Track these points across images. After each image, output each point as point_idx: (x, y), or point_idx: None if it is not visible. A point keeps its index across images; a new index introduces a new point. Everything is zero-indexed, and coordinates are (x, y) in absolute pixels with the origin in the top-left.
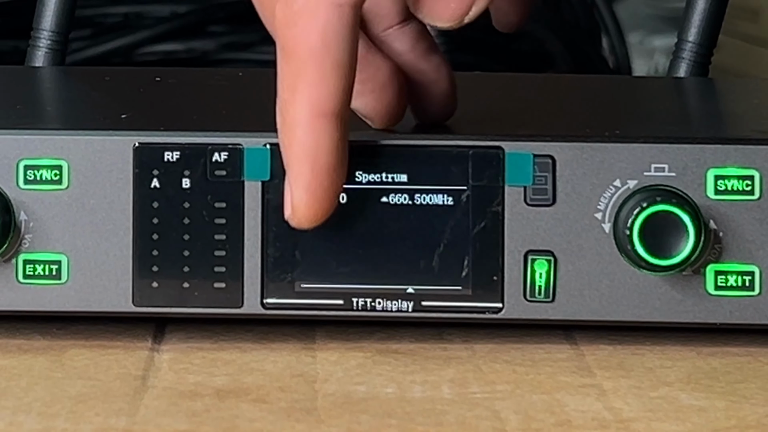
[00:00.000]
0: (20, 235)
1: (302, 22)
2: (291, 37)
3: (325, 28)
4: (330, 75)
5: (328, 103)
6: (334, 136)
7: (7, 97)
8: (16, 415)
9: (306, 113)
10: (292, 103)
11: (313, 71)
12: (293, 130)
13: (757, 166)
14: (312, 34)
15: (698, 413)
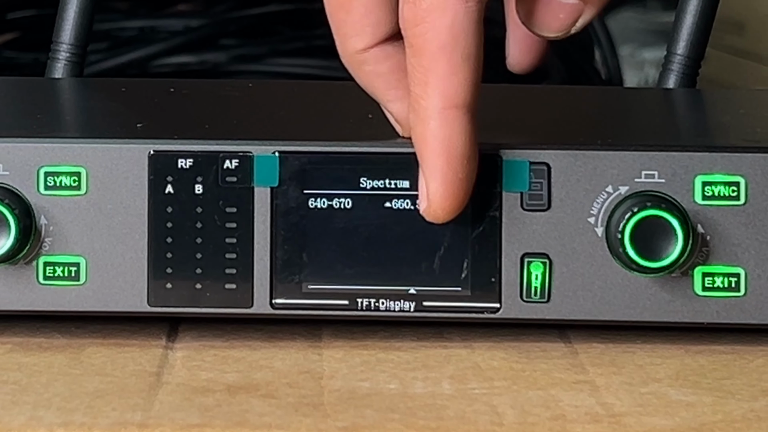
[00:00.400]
0: (40, 239)
1: (431, 19)
2: (420, 33)
3: (454, 23)
4: (460, 68)
5: (460, 95)
6: (467, 127)
7: (28, 107)
8: (37, 409)
9: (439, 105)
10: (424, 97)
11: (444, 64)
12: (426, 122)
13: (743, 173)
14: (442, 30)
15: (686, 408)
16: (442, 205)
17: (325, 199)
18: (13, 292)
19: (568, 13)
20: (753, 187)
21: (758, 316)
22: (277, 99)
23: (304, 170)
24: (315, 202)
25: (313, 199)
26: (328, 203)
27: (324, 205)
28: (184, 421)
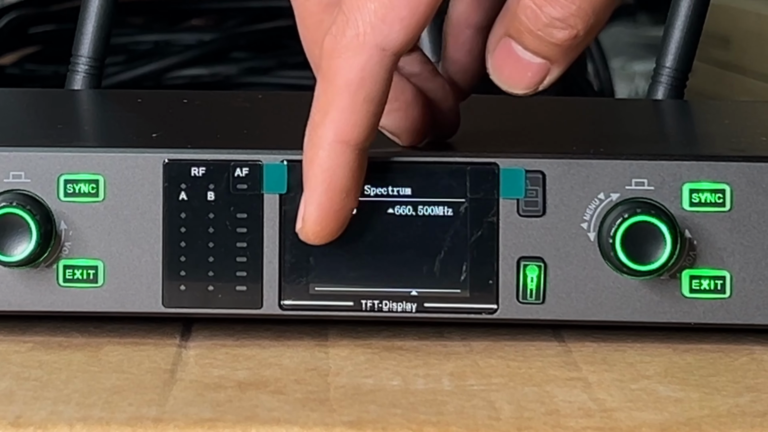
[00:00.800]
0: (60, 243)
1: (346, 56)
2: (333, 66)
3: (365, 66)
4: (360, 108)
5: (353, 133)
6: (352, 163)
7: (49, 118)
8: (57, 404)
9: (331, 137)
10: (321, 126)
11: (346, 101)
12: (316, 150)
13: (728, 181)
14: (352, 68)
15: (675, 403)
16: (313, 230)
17: None
18: (34, 293)
19: (535, 72)
20: (738, 195)
21: (743, 316)
22: (285, 110)
23: None
24: None
25: None
26: None
27: None
28: (197, 416)
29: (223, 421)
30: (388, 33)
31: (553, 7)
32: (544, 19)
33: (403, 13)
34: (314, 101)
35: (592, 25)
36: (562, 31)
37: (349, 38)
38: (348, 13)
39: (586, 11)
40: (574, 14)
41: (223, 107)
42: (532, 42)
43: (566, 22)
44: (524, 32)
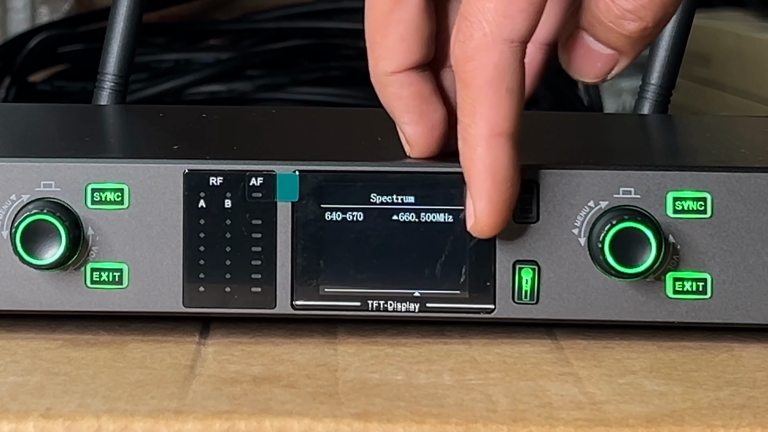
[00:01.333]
0: (88, 247)
1: (479, 56)
2: (469, 69)
3: (499, 60)
4: (505, 100)
5: (504, 124)
6: (510, 152)
7: (77, 131)
8: (85, 398)
9: (485, 133)
10: (472, 125)
11: (491, 97)
12: (474, 148)
13: (709, 190)
14: (488, 66)
15: (659, 397)
16: (487, 222)
17: (339, 213)
18: (63, 294)
19: (605, 62)
20: (718, 202)
21: (723, 316)
22: (297, 123)
23: (321, 187)
24: (331, 215)
25: (329, 212)
26: (342, 216)
27: (339, 217)
28: (215, 408)
29: (239, 414)
30: (512, 25)
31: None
32: (616, 10)
33: (522, 5)
34: (460, 106)
35: (660, 18)
36: (633, 23)
37: (478, 39)
38: (471, 17)
39: (656, 3)
40: (645, 6)
41: (239, 121)
42: (603, 33)
43: (637, 14)
44: (596, 24)
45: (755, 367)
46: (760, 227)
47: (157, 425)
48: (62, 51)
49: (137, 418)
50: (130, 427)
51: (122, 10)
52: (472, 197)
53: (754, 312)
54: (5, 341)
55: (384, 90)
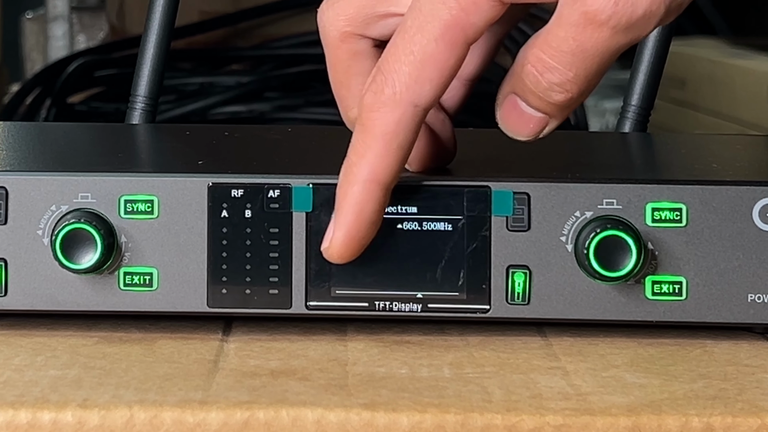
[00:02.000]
0: (121, 253)
1: (383, 110)
2: (372, 118)
3: (400, 119)
4: (392, 154)
5: (383, 175)
6: (380, 199)
7: (111, 147)
8: (118, 389)
9: (365, 176)
10: (356, 165)
11: (381, 148)
12: (351, 185)
13: (685, 201)
14: (389, 121)
15: (639, 389)
16: (338, 252)
17: None
18: (99, 296)
19: (536, 124)
20: (693, 213)
21: (697, 315)
22: (311, 141)
23: (332, 199)
24: None
25: None
26: None
27: None
28: (236, 399)
29: (258, 404)
30: (420, 91)
31: (552, 74)
32: (544, 83)
33: (432, 75)
34: (351, 144)
35: (585, 89)
36: (560, 95)
37: (387, 95)
38: (386, 74)
39: (581, 77)
40: (571, 80)
41: (258, 139)
42: (534, 100)
43: (563, 87)
44: (527, 92)
45: (726, 361)
46: (731, 235)
47: (184, 414)
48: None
49: (166, 408)
50: (159, 417)
51: (152, 37)
52: (333, 225)
53: (725, 312)
54: (46, 338)
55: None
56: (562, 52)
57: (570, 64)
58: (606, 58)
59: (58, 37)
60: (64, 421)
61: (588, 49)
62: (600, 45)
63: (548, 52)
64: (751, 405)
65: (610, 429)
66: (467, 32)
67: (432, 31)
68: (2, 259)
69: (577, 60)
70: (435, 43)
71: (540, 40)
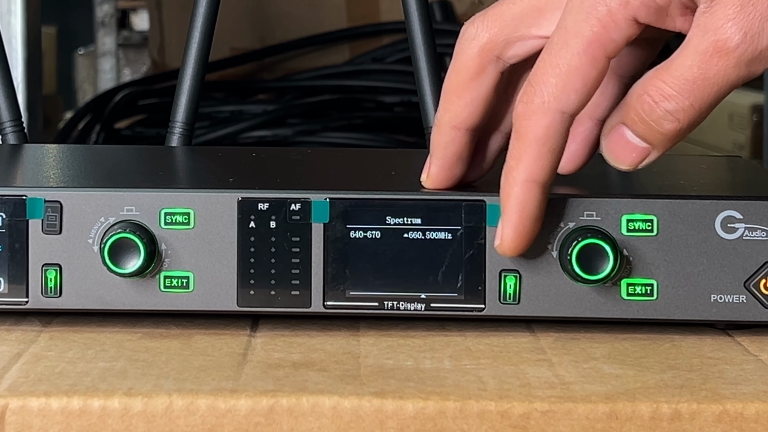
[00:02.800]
0: (161, 259)
1: (535, 117)
2: (525, 125)
3: (550, 125)
4: (545, 156)
5: (540, 175)
6: (539, 197)
7: (153, 167)
8: (159, 379)
9: (524, 178)
10: (515, 169)
11: (536, 151)
12: (512, 187)
13: (655, 213)
14: (540, 127)
15: (615, 378)
16: (510, 246)
17: (361, 232)
18: (142, 297)
19: (639, 154)
20: (662, 223)
21: (666, 313)
22: (328, 161)
23: (347, 211)
24: (354, 233)
25: (353, 231)
26: (363, 234)
27: (361, 235)
28: (263, 388)
29: (281, 392)
30: (567, 100)
31: (669, 101)
32: (659, 111)
33: (577, 85)
34: (510, 150)
35: (694, 121)
36: (671, 123)
37: (537, 104)
38: (535, 85)
39: (695, 107)
40: (686, 109)
41: (281, 159)
42: (643, 130)
43: (676, 116)
44: (638, 121)
45: (692, 354)
46: (696, 243)
47: (217, 401)
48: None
49: (201, 396)
50: (194, 403)
51: (189, 70)
52: (502, 224)
53: (691, 311)
54: (95, 334)
55: (438, 133)
56: (684, 80)
57: (689, 92)
58: (722, 91)
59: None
60: (112, 407)
61: (710, 77)
62: (722, 74)
63: (669, 80)
64: (713, 393)
65: (590, 414)
66: (607, 47)
67: (576, 46)
68: (57, 264)
69: (697, 88)
70: (578, 57)
71: (661, 71)
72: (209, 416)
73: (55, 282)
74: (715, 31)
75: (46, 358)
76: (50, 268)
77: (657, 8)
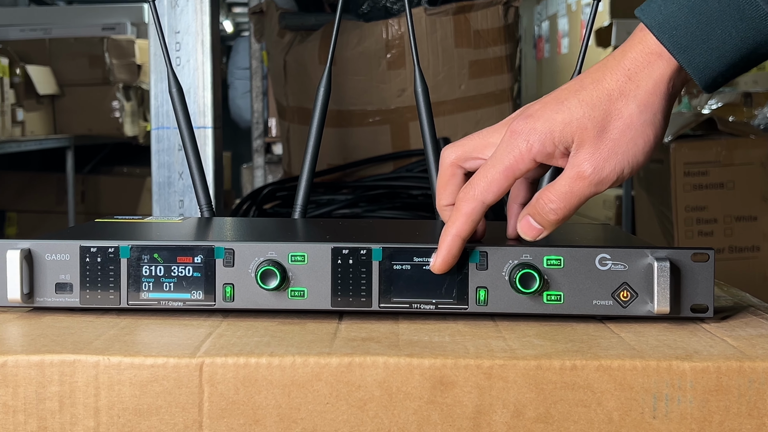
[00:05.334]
0: (289, 280)
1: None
2: (461, 204)
3: (474, 208)
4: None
5: (464, 234)
6: (459, 245)
7: (284, 230)
8: (288, 347)
9: (453, 233)
10: (450, 227)
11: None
12: (446, 236)
13: (562, 255)
14: (469, 207)
15: (540, 347)
16: (438, 269)
17: (399, 265)
18: (278, 301)
19: (536, 232)
20: (567, 260)
21: (569, 310)
22: (381, 226)
23: (392, 254)
24: (396, 266)
25: (395, 265)
26: (401, 267)
27: (399, 267)
28: (345, 352)
29: (356, 353)
30: (487, 196)
31: (552, 204)
32: (547, 209)
33: (494, 189)
34: (450, 215)
35: (567, 215)
36: (554, 215)
37: (470, 195)
38: (472, 184)
39: (566, 209)
40: (561, 208)
41: (355, 225)
42: (539, 219)
43: (556, 212)
44: (536, 214)
45: (582, 333)
46: (584, 271)
47: (319, 359)
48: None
49: (311, 356)
50: (307, 361)
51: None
52: (436, 254)
53: (583, 309)
54: (252, 321)
55: (442, 212)
56: (560, 194)
57: (563, 200)
58: (582, 200)
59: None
60: (262, 363)
61: (575, 192)
62: (581, 191)
63: (553, 192)
64: (594, 355)
65: (526, 366)
66: (516, 172)
67: (498, 167)
68: (232, 283)
69: (567, 197)
70: (499, 174)
71: (548, 188)
72: (315, 367)
73: (230, 293)
74: (578, 166)
75: (224, 336)
76: (227, 285)
77: (547, 154)
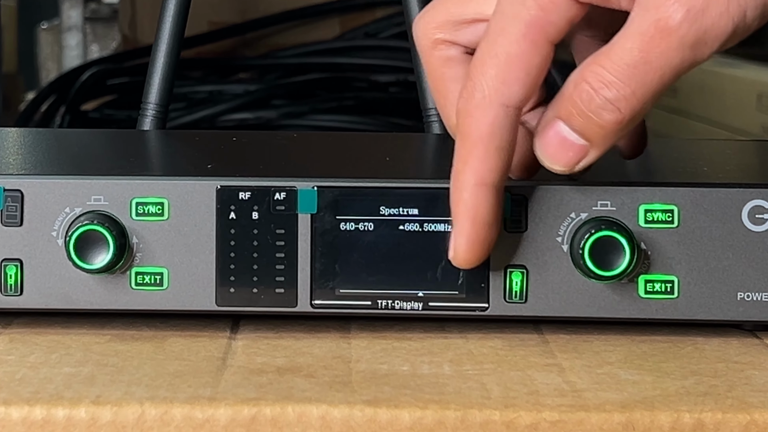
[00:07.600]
0: (132, 254)
1: (477, 114)
2: (467, 124)
3: (494, 121)
4: (493, 155)
5: (489, 176)
6: (492, 200)
7: (123, 153)
8: (130, 386)
9: (472, 181)
10: (462, 173)
11: (482, 151)
12: (461, 193)
13: (676, 203)
14: (483, 125)
15: (632, 385)
16: (464, 258)
17: (353, 223)
18: (111, 295)
19: (576, 153)
20: (684, 214)
21: (688, 313)
22: (316, 146)
23: (336, 201)
24: (345, 225)
25: (344, 223)
26: (355, 226)
27: (352, 227)
28: (244, 396)
29: (265, 400)
30: (509, 92)
31: (609, 89)
32: (598, 100)
33: (519, 74)
34: (455, 152)
35: (637, 112)
36: (611, 114)
37: (478, 99)
38: (474, 78)
39: (637, 96)
40: (627, 97)
41: (265, 144)
42: (581, 123)
43: (617, 105)
44: (575, 113)
45: (716, 358)
46: (721, 235)
47: (194, 411)
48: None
49: (176, 405)
50: (169, 413)
51: (162, 47)
52: (454, 233)
53: (716, 310)
54: (60, 336)
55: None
56: (624, 65)
57: (630, 78)
58: (666, 77)
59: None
60: (78, 417)
61: (652, 61)
62: (664, 58)
63: (608, 65)
64: (740, 401)
65: (605, 425)
66: (548, 31)
67: (514, 32)
68: (18, 259)
69: (639, 74)
70: (518, 44)
71: (600, 56)
72: (185, 427)
73: (16, 279)
74: (657, 9)
75: (5, 362)
76: (10, 263)
77: None
